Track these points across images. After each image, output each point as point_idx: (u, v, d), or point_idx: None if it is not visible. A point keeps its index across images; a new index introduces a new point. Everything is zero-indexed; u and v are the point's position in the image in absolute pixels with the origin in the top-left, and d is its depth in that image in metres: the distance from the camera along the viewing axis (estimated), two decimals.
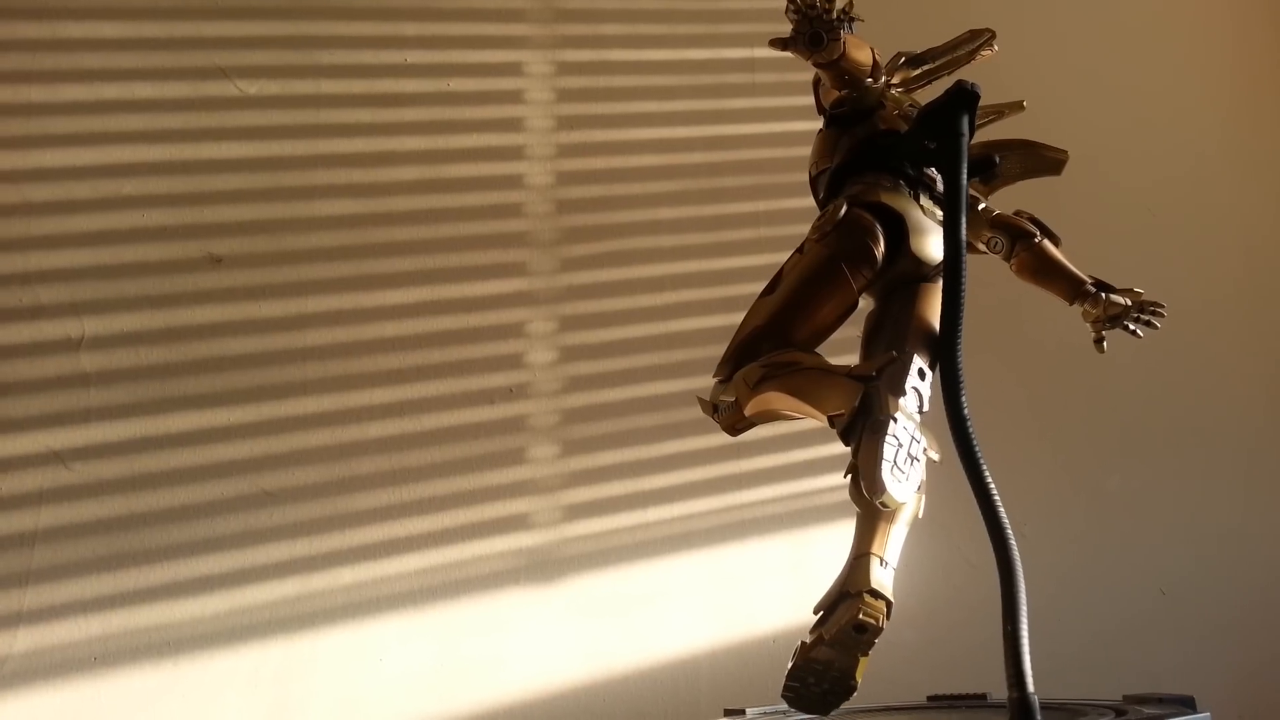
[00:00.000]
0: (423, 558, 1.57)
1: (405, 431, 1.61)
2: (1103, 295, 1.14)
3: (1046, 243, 1.17)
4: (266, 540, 1.51)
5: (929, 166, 1.09)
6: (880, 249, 1.02)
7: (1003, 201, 1.21)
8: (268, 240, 1.62)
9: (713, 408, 1.00)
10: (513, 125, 1.79)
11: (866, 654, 0.94)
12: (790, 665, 0.97)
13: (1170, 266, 2.16)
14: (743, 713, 0.93)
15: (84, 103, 1.58)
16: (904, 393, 0.87)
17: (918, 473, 0.88)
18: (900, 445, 0.86)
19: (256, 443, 1.54)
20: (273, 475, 1.54)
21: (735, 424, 0.99)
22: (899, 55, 1.18)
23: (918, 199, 1.08)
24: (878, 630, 0.93)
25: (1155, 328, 1.14)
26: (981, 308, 1.20)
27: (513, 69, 1.81)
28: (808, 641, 0.95)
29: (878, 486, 0.84)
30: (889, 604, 0.94)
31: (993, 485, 1.00)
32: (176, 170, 1.60)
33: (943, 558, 1.81)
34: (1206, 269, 2.20)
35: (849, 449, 0.95)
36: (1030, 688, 0.91)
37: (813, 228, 1.05)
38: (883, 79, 1.12)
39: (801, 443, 1.80)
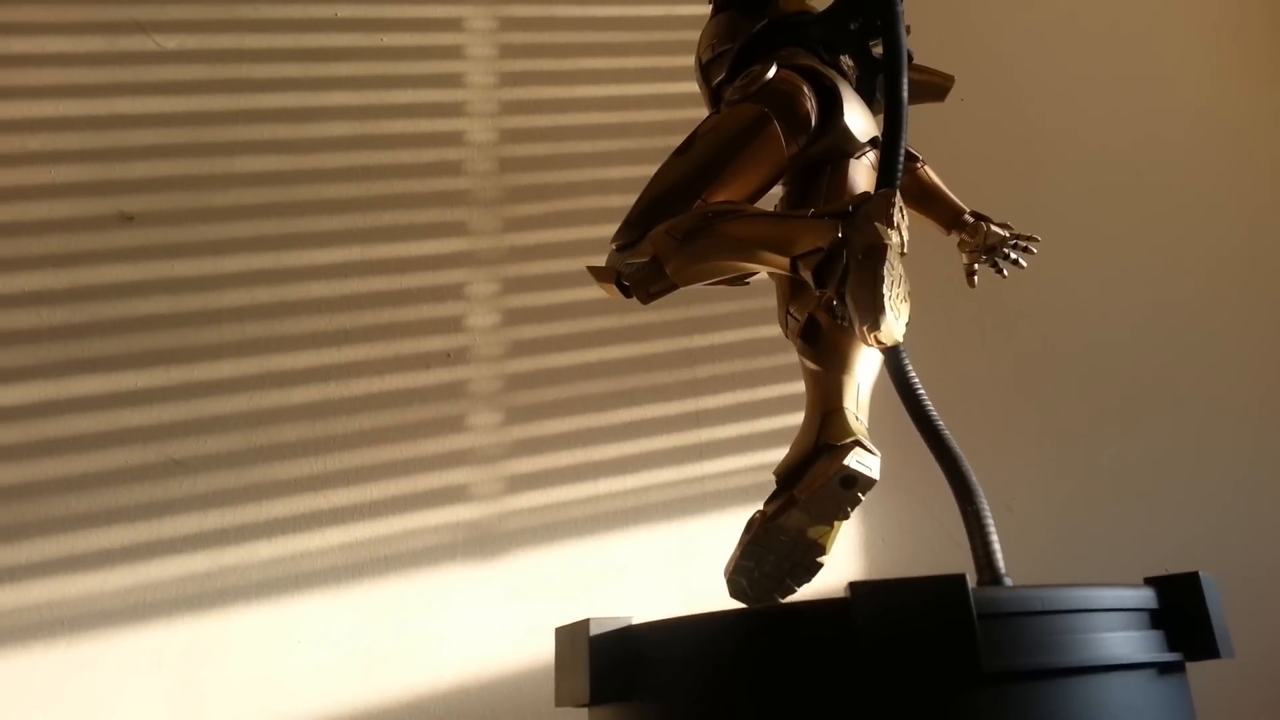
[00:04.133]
0: (348, 532, 1.45)
1: (331, 397, 1.50)
2: (982, 224, 1.08)
3: (929, 169, 1.10)
4: (175, 511, 1.39)
5: (846, 50, 1.02)
6: (814, 112, 0.93)
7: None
8: (183, 197, 1.52)
9: (616, 275, 0.88)
10: (452, 81, 1.70)
11: (848, 516, 0.82)
12: (744, 542, 0.84)
13: (1165, 231, 2.04)
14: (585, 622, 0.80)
15: None
16: (893, 224, 0.76)
17: (907, 313, 0.77)
18: (894, 277, 0.75)
19: (165, 408, 1.43)
20: (183, 443, 1.42)
21: (652, 287, 0.87)
22: None
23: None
24: (870, 483, 0.81)
25: (1022, 266, 1.08)
26: (961, 279, 1.10)
27: (452, 24, 1.72)
28: (768, 510, 0.83)
29: (877, 313, 0.72)
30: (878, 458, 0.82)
31: (913, 373, 0.89)
32: (88, 125, 1.51)
33: (925, 532, 1.68)
34: (1205, 233, 2.07)
35: (817, 295, 0.84)
36: (1001, 568, 0.80)
37: (733, 89, 0.95)
38: None
39: (764, 412, 1.68)
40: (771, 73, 0.92)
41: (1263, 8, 2.29)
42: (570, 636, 0.78)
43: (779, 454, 1.64)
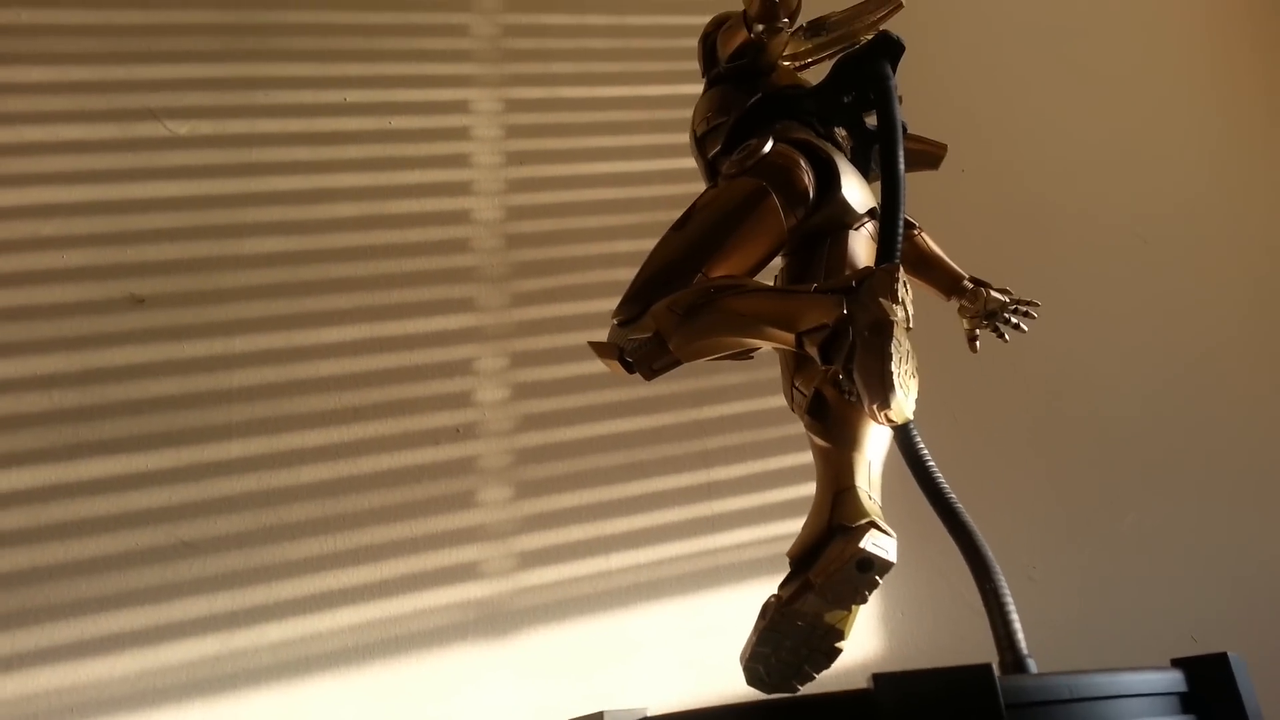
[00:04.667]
0: (358, 612, 1.43)
1: (340, 476, 1.49)
2: (982, 290, 1.09)
3: (926, 236, 1.10)
4: (184, 594, 1.38)
5: (840, 123, 1.02)
6: (811, 185, 0.93)
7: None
8: (194, 279, 1.53)
9: (617, 351, 0.87)
10: (459, 161, 1.72)
11: (865, 600, 0.79)
12: (759, 627, 0.82)
13: (1174, 296, 2.05)
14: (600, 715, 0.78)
15: (4, 145, 1.52)
16: (897, 299, 0.76)
17: (915, 389, 0.75)
18: (902, 353, 0.74)
19: (175, 489, 1.42)
20: (192, 524, 1.41)
21: (655, 363, 0.86)
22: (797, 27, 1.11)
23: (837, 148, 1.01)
24: (887, 566, 0.78)
25: (1023, 331, 1.08)
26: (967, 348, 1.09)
27: (459, 106, 1.76)
28: (783, 595, 0.81)
29: (887, 391, 0.71)
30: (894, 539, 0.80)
31: (923, 447, 0.88)
32: (99, 210, 1.53)
33: (943, 603, 1.65)
34: (1214, 296, 2.08)
35: (823, 369, 0.83)
36: (1023, 648, 0.78)
37: (730, 163, 0.95)
38: (785, 31, 1.04)
39: (779, 482, 1.66)
40: (768, 147, 0.93)
41: (1261, 80, 2.33)
42: None
43: (794, 525, 1.62)
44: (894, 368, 0.72)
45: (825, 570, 0.77)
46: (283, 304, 1.55)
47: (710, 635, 1.54)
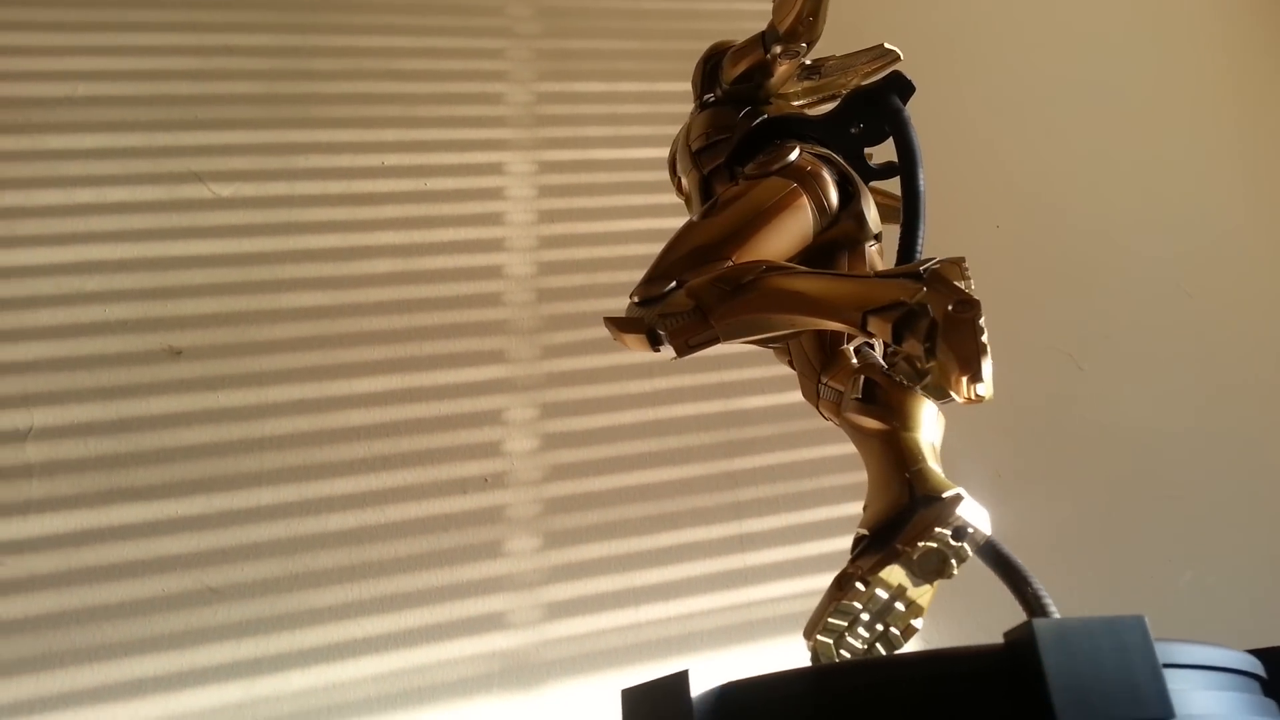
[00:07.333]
0: (382, 661, 1.41)
1: (367, 524, 1.49)
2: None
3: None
4: (209, 640, 1.37)
5: (842, 154, 1.03)
6: (834, 196, 0.93)
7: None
8: (231, 332, 1.56)
9: (645, 327, 0.85)
10: (492, 220, 1.75)
11: (953, 575, 0.75)
12: (836, 598, 0.74)
13: (1221, 348, 2.00)
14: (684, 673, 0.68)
15: (57, 206, 1.59)
16: (970, 285, 0.73)
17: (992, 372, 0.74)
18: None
19: (204, 536, 1.43)
20: (220, 570, 1.41)
21: (692, 339, 0.82)
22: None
23: None
24: (982, 537, 0.73)
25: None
26: (1022, 395, 1.07)
27: (493, 169, 1.80)
28: (864, 565, 0.73)
29: (980, 361, 0.67)
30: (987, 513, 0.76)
31: None
32: (142, 267, 1.58)
33: (967, 631, 1.58)
34: (1264, 346, 2.02)
35: (856, 364, 0.84)
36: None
37: (754, 165, 0.95)
38: (797, 59, 1.05)
39: (814, 535, 1.63)
40: (795, 154, 0.93)
41: None
42: (654, 699, 0.64)
43: (829, 578, 1.58)
44: (985, 344, 0.70)
45: (917, 536, 0.73)
46: (317, 356, 1.58)
47: None
